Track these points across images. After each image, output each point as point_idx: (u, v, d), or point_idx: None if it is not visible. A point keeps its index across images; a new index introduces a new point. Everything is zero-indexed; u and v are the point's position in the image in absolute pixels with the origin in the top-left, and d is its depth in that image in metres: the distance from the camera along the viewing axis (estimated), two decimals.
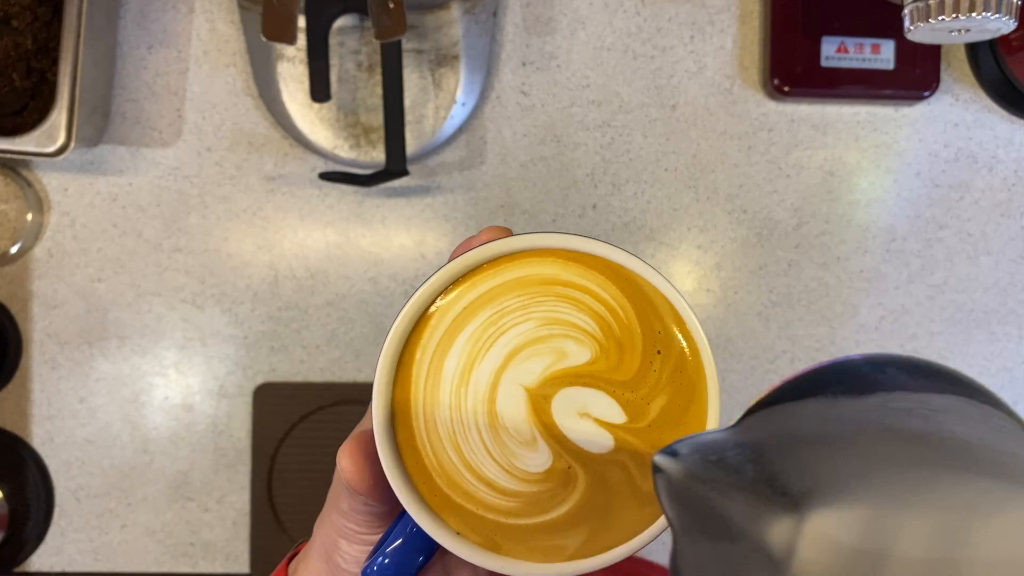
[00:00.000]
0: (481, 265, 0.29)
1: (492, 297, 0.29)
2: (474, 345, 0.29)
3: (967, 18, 0.46)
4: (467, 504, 0.29)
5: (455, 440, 0.29)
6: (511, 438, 0.29)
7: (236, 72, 0.66)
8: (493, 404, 0.29)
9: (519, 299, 0.29)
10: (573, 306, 0.29)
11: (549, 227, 0.67)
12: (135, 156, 0.66)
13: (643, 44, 0.67)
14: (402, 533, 0.30)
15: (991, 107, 0.68)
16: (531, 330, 0.29)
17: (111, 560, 0.66)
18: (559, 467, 0.29)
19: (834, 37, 0.66)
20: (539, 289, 0.29)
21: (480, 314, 0.29)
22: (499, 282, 0.29)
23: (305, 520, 0.66)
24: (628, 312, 0.29)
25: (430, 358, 0.29)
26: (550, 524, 0.29)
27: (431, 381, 0.29)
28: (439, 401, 0.29)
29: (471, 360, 0.29)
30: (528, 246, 0.29)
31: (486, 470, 0.29)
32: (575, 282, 0.29)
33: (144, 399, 0.66)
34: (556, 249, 0.29)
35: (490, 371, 0.29)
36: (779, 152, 0.68)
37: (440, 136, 0.65)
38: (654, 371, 0.29)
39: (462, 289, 0.29)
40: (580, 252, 0.29)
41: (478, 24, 0.65)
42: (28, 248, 0.65)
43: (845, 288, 0.68)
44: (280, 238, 0.66)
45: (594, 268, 0.29)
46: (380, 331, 0.67)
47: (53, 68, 0.61)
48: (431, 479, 0.29)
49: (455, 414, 0.29)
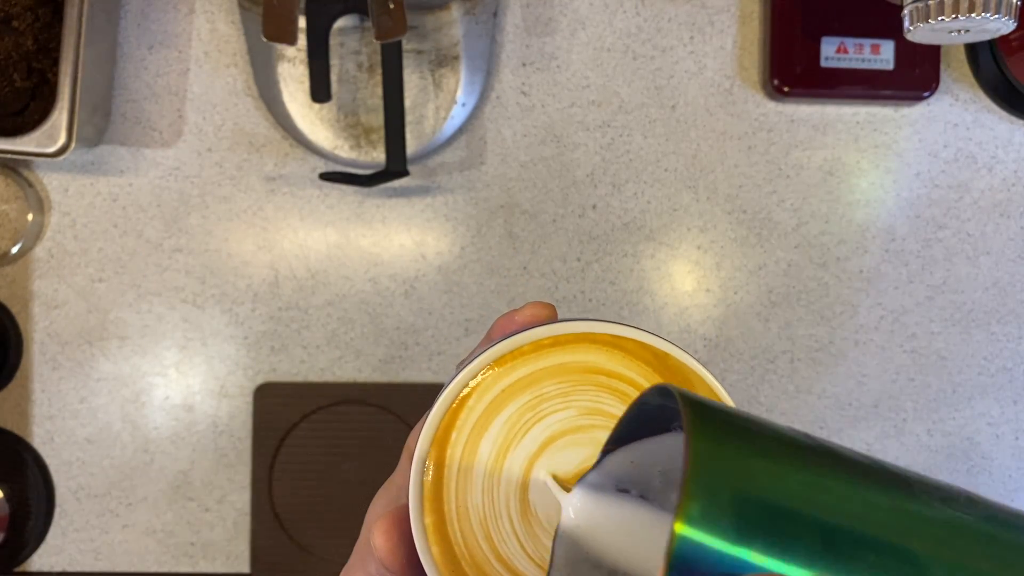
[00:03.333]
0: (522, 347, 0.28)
1: (532, 381, 0.28)
2: (510, 429, 0.28)
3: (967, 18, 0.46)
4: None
5: (486, 528, 0.28)
6: (544, 531, 0.28)
7: (237, 72, 0.66)
8: (526, 492, 0.28)
9: (559, 386, 0.28)
10: (616, 398, 0.28)
11: (549, 227, 0.67)
12: (136, 156, 0.66)
13: (643, 44, 0.67)
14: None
15: (991, 107, 0.69)
16: (571, 418, 0.28)
17: (112, 560, 0.66)
18: None
19: (834, 37, 0.66)
20: (581, 377, 0.28)
21: (519, 398, 0.28)
22: (540, 367, 0.28)
23: (305, 520, 0.66)
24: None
25: (465, 440, 0.28)
26: None
27: (464, 464, 0.28)
28: (471, 486, 0.28)
29: (506, 445, 0.28)
30: (572, 332, 0.28)
31: (517, 563, 0.28)
32: (619, 372, 0.28)
33: (145, 399, 0.66)
34: (601, 335, 0.28)
35: (524, 457, 0.28)
36: (779, 152, 0.68)
37: (440, 136, 0.65)
38: None
39: (501, 371, 0.28)
40: (626, 339, 0.28)
41: (478, 25, 0.65)
42: (29, 248, 0.65)
43: (844, 288, 0.68)
44: (280, 238, 0.66)
45: (639, 359, 0.28)
46: (380, 331, 0.67)
47: (54, 68, 0.61)
48: (460, 567, 0.28)
49: (487, 500, 0.28)
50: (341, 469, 0.66)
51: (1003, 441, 0.69)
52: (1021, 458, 0.69)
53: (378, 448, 0.66)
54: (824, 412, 0.68)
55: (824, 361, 0.68)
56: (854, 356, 0.68)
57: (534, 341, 0.28)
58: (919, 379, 0.69)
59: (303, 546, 0.66)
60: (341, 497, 0.66)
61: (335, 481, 0.66)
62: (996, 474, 0.69)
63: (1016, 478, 0.69)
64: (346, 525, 0.66)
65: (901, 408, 0.68)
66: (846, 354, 0.68)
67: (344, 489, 0.66)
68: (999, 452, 0.69)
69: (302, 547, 0.66)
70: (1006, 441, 0.69)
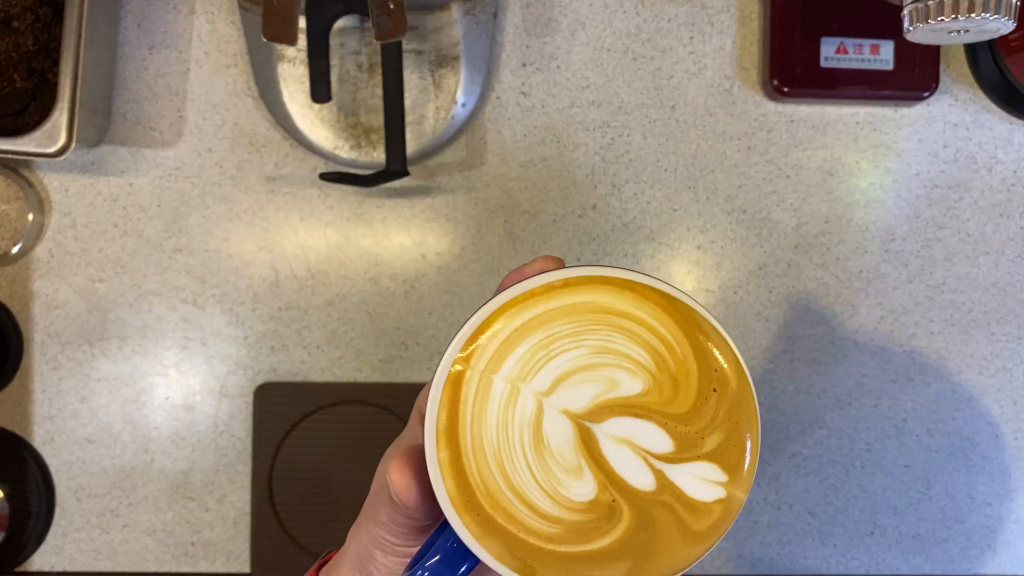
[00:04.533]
0: (533, 289, 0.29)
1: (544, 321, 0.29)
2: (523, 367, 0.29)
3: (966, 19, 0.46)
4: (508, 525, 0.28)
5: (500, 460, 0.28)
6: (557, 464, 0.28)
7: (237, 73, 0.66)
8: (539, 427, 0.28)
9: (571, 325, 0.29)
10: (627, 337, 0.29)
11: (549, 227, 0.67)
12: (136, 156, 0.66)
13: (643, 45, 0.67)
14: (442, 549, 0.30)
15: (990, 108, 0.69)
16: (582, 357, 0.28)
17: (112, 560, 0.66)
18: (604, 499, 0.28)
19: (833, 38, 0.66)
20: (592, 317, 0.29)
21: (531, 337, 0.29)
22: (552, 307, 0.29)
23: (305, 520, 0.66)
24: (684, 348, 0.29)
25: (479, 377, 0.29)
26: (590, 555, 0.28)
27: (479, 400, 0.29)
28: (486, 420, 0.28)
29: (520, 381, 0.29)
30: (582, 275, 0.29)
31: (529, 493, 0.28)
32: (630, 313, 0.29)
33: (145, 399, 0.66)
34: (612, 279, 0.29)
35: (538, 393, 0.28)
36: (778, 153, 0.68)
37: (440, 137, 0.65)
38: (710, 407, 0.29)
39: (514, 311, 0.29)
40: (635, 283, 0.29)
41: (478, 25, 0.65)
42: (29, 248, 0.65)
43: (844, 288, 0.68)
44: (281, 238, 0.66)
45: (649, 300, 0.29)
46: (380, 331, 0.67)
47: (54, 69, 0.61)
48: (474, 498, 0.28)
49: (501, 434, 0.28)
50: (341, 469, 0.66)
51: (1003, 441, 0.69)
52: (1021, 458, 0.69)
53: (378, 448, 0.66)
54: (824, 412, 0.68)
55: (824, 361, 0.68)
56: (854, 356, 0.68)
57: (546, 283, 0.29)
58: (919, 379, 0.69)
59: (303, 546, 0.66)
60: (341, 497, 0.66)
61: (335, 481, 0.66)
62: (996, 474, 0.69)
63: (1016, 478, 0.69)
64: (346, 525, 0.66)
65: (901, 408, 0.68)
66: (846, 354, 0.68)
67: (344, 489, 0.66)
68: (999, 452, 0.69)
69: (302, 547, 0.66)
70: (1006, 441, 0.69)
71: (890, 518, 0.69)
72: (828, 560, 0.69)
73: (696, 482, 0.29)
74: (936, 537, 0.69)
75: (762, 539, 0.68)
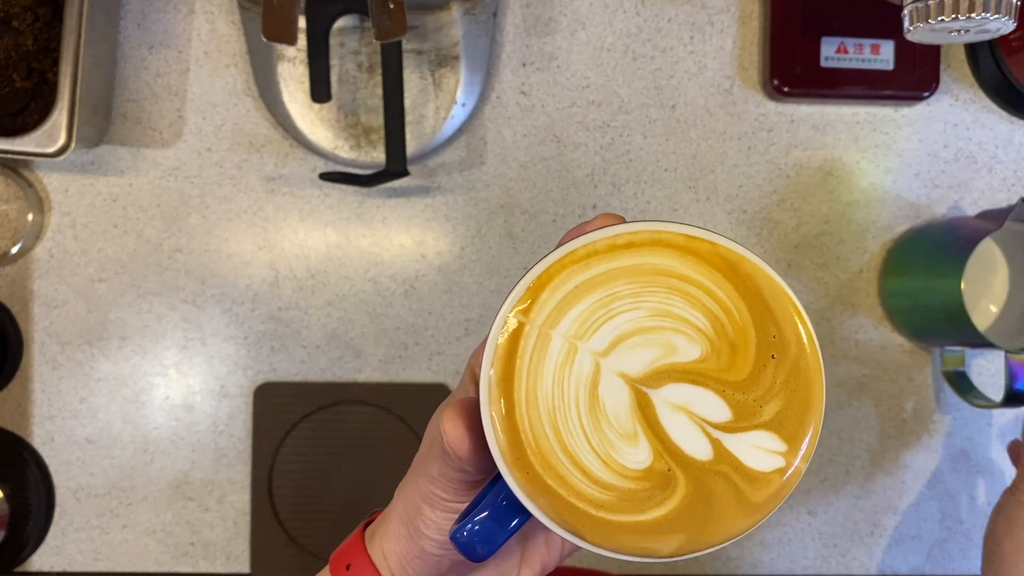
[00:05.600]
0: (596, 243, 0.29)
1: (604, 281, 0.28)
2: (581, 325, 0.28)
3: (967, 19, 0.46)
4: (558, 487, 0.28)
5: (554, 419, 0.28)
6: (611, 429, 0.28)
7: (237, 73, 0.66)
8: (595, 389, 0.28)
9: (631, 286, 0.28)
10: (686, 301, 0.28)
11: (549, 227, 0.67)
12: (136, 156, 0.66)
13: (643, 45, 0.67)
14: (492, 503, 0.30)
15: (990, 107, 0.69)
16: (641, 319, 0.28)
17: (112, 560, 0.66)
18: (659, 468, 0.28)
19: (833, 38, 0.66)
20: (652, 279, 0.28)
21: (590, 295, 0.28)
22: (612, 267, 0.28)
23: (305, 520, 0.66)
24: (743, 312, 0.28)
25: (537, 332, 0.28)
26: (642, 525, 0.28)
27: (536, 355, 0.28)
28: (542, 377, 0.28)
29: (577, 339, 0.28)
30: (645, 232, 0.28)
31: (582, 456, 0.28)
32: (690, 276, 0.28)
33: (145, 399, 0.66)
34: (674, 235, 0.28)
35: (595, 354, 0.28)
36: (778, 152, 0.68)
37: (440, 136, 0.65)
38: (768, 375, 0.28)
39: (575, 267, 0.28)
40: (699, 241, 0.28)
41: (478, 25, 0.65)
42: (29, 248, 0.65)
43: (844, 288, 0.68)
44: (280, 238, 0.66)
45: (710, 264, 0.28)
46: (380, 331, 0.67)
47: (54, 69, 0.61)
48: (525, 456, 0.28)
49: (556, 392, 0.28)
50: (341, 469, 0.66)
51: (1003, 441, 0.69)
52: None
53: (378, 448, 0.66)
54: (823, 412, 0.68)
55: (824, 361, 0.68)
56: (855, 356, 0.68)
57: (609, 238, 0.28)
58: (919, 379, 0.69)
59: (303, 546, 0.66)
60: (341, 497, 0.66)
61: (335, 481, 0.66)
62: (996, 474, 0.69)
63: None
64: (346, 525, 0.66)
65: (901, 408, 0.68)
66: (846, 354, 0.68)
67: (344, 489, 0.66)
68: (999, 452, 0.69)
69: (302, 547, 0.66)
70: (1006, 441, 0.69)
71: (890, 518, 0.69)
72: (828, 560, 0.69)
73: (754, 451, 0.28)
74: (936, 537, 0.69)
75: (762, 539, 0.68)
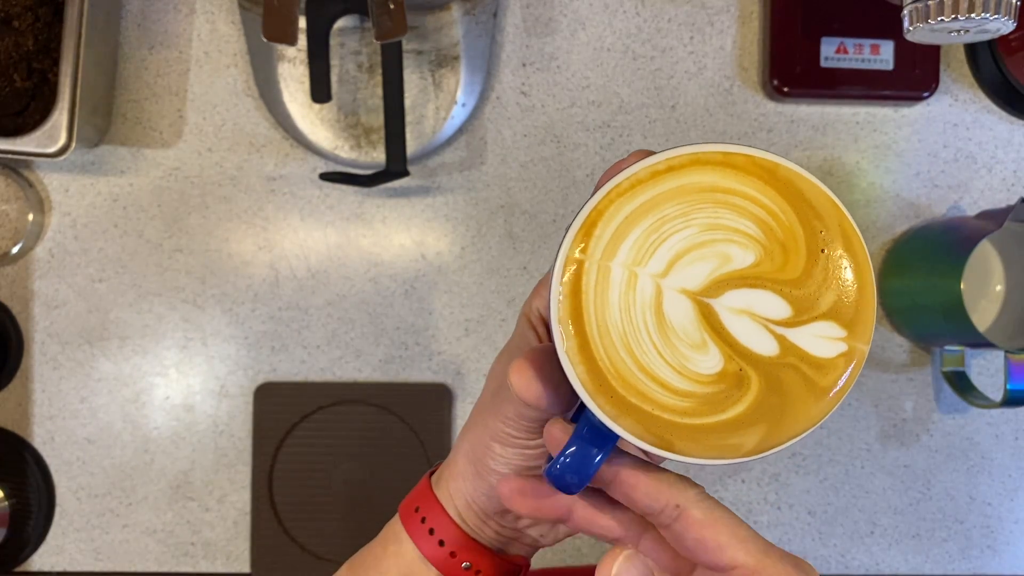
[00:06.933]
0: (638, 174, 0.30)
1: (652, 206, 0.30)
2: (638, 252, 0.29)
3: (966, 19, 0.46)
4: (642, 404, 0.29)
5: (627, 343, 0.29)
6: (681, 341, 0.29)
7: (237, 73, 0.66)
8: (660, 308, 0.29)
9: (679, 207, 0.30)
10: (734, 212, 0.30)
11: (549, 227, 0.67)
12: (136, 156, 0.66)
13: (643, 45, 0.67)
14: (577, 438, 0.31)
15: (990, 107, 0.69)
16: (693, 236, 0.30)
17: (112, 559, 0.66)
18: (731, 369, 0.29)
19: (833, 38, 0.66)
20: (698, 197, 0.30)
21: (642, 222, 0.30)
22: (658, 192, 0.30)
23: (305, 520, 0.66)
24: (788, 214, 0.30)
25: (597, 266, 0.30)
26: (725, 424, 0.29)
27: (600, 288, 0.29)
28: (609, 307, 0.29)
29: (635, 266, 0.29)
30: (684, 155, 0.30)
31: (658, 371, 0.29)
32: (734, 188, 0.30)
33: (145, 399, 0.66)
34: (711, 153, 0.30)
35: (655, 276, 0.30)
36: (779, 152, 0.68)
37: (440, 137, 0.65)
38: (820, 268, 0.30)
39: (622, 200, 0.30)
40: (736, 155, 0.30)
41: (478, 25, 0.65)
42: (29, 248, 0.65)
43: None
44: (281, 238, 0.66)
45: (751, 174, 0.30)
46: (380, 331, 0.67)
47: (54, 69, 0.61)
48: (606, 381, 0.29)
49: (625, 318, 0.29)
50: (341, 469, 0.66)
51: (1003, 441, 0.69)
52: (1021, 458, 0.69)
53: (378, 448, 0.66)
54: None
55: None
56: None
57: (649, 166, 0.30)
58: (919, 379, 0.69)
59: (303, 546, 0.66)
60: (341, 497, 0.66)
61: (335, 481, 0.66)
62: (996, 474, 0.69)
63: (1016, 478, 0.69)
64: (346, 525, 0.66)
65: (900, 408, 0.68)
66: None
67: (344, 489, 0.66)
68: (999, 452, 0.69)
69: (302, 547, 0.66)
70: (1006, 441, 0.69)
71: (890, 518, 0.69)
72: (828, 560, 0.69)
73: (817, 341, 0.30)
74: (936, 537, 0.69)
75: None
